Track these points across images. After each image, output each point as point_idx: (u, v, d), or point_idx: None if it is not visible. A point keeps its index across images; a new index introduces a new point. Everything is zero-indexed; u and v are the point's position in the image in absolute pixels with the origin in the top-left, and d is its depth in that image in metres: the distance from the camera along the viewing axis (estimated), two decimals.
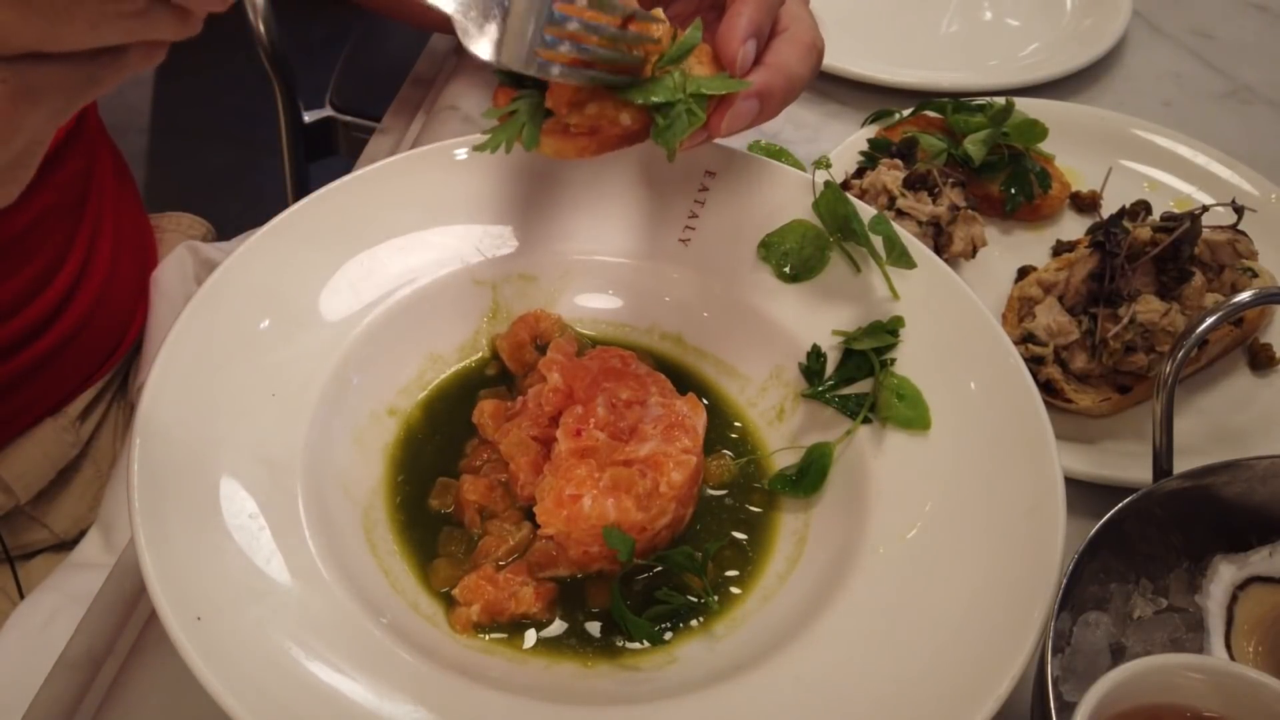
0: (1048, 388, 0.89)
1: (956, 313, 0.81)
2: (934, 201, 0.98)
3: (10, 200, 0.57)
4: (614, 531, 0.72)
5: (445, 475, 0.80)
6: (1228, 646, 0.70)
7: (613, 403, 0.79)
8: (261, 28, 1.52)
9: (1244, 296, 0.76)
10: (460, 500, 0.78)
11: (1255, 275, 0.97)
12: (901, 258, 0.82)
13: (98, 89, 0.54)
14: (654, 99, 0.72)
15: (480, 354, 0.88)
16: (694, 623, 0.74)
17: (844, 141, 1.11)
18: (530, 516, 0.76)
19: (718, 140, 0.78)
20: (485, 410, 0.82)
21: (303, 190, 1.41)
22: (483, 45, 0.66)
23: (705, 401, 0.84)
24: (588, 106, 0.71)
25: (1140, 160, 1.14)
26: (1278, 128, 1.24)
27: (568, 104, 0.71)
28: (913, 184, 0.99)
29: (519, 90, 0.72)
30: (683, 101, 0.72)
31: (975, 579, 0.69)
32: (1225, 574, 0.72)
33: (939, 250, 0.97)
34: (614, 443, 0.76)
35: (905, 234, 0.84)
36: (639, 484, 0.73)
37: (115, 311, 1.14)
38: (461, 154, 0.89)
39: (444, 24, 1.24)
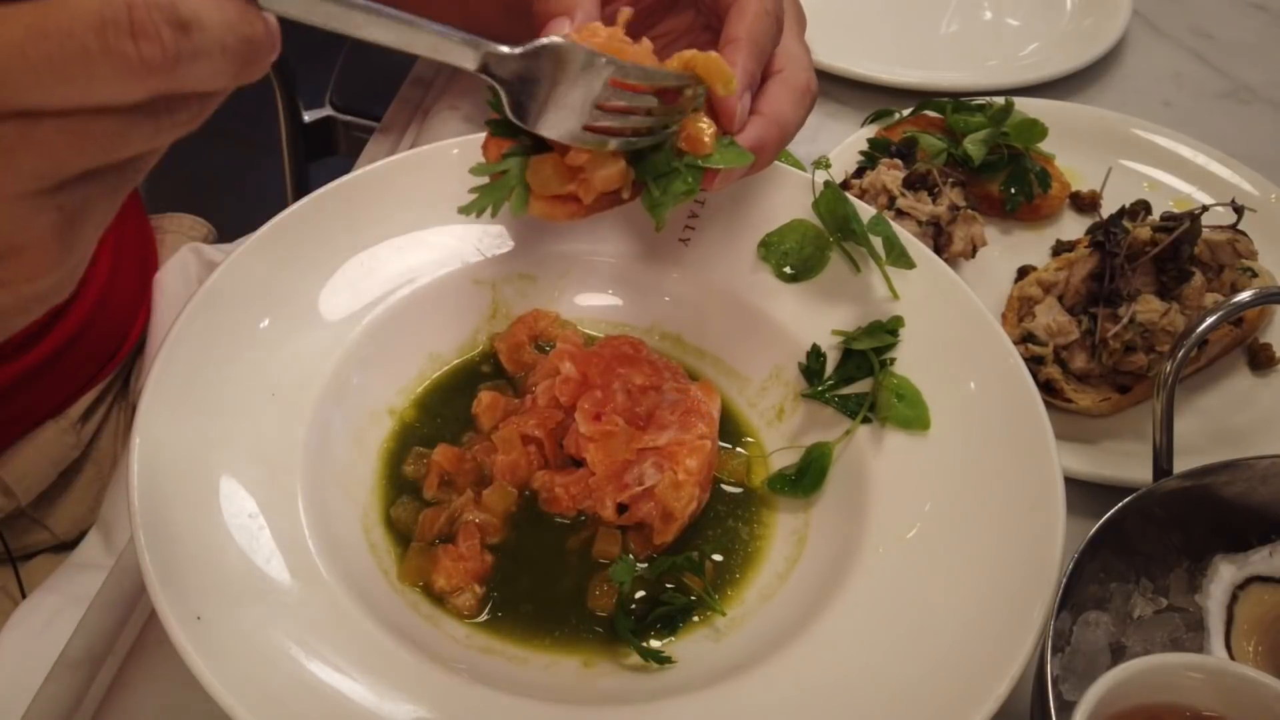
0: (1048, 388, 0.89)
1: (956, 313, 0.81)
2: (934, 201, 0.98)
3: (67, 294, 0.53)
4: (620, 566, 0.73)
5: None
6: (1228, 646, 0.70)
7: (628, 389, 0.79)
8: None
9: (1244, 296, 0.76)
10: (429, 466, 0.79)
11: (1255, 275, 0.97)
12: (900, 258, 0.82)
13: (142, 175, 0.51)
14: (652, 173, 0.70)
15: (480, 348, 0.88)
16: (694, 620, 0.74)
17: (844, 141, 1.10)
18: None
19: None
20: (483, 401, 0.82)
21: (303, 190, 1.40)
22: (532, 119, 0.64)
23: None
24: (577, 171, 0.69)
25: (1140, 160, 1.14)
26: (1278, 128, 1.24)
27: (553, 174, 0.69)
28: (913, 184, 0.99)
29: (511, 142, 0.70)
30: (680, 176, 0.71)
31: (975, 579, 0.69)
32: (1225, 574, 0.72)
33: (939, 250, 0.97)
34: (632, 430, 0.77)
35: (905, 234, 0.84)
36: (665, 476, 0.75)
37: (117, 314, 1.14)
38: (462, 154, 0.89)
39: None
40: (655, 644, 0.72)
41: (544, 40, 0.62)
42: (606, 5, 0.78)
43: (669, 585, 0.74)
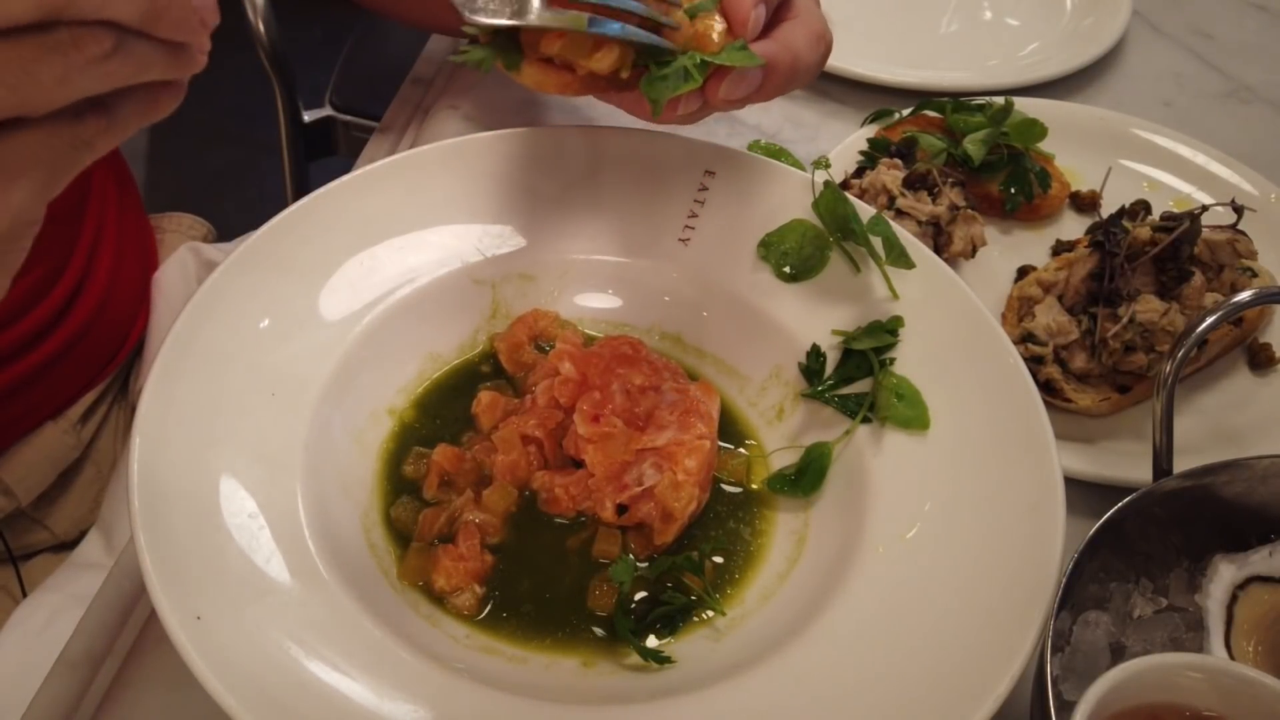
0: (1048, 387, 0.89)
1: (956, 312, 0.81)
2: (934, 201, 0.98)
3: (3, 290, 0.51)
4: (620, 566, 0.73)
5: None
6: (1227, 646, 0.70)
7: (627, 389, 0.79)
8: (261, 27, 1.52)
9: (1244, 296, 0.76)
10: (429, 465, 0.79)
11: (1255, 275, 0.97)
12: (900, 258, 0.82)
13: (89, 154, 0.47)
14: (654, 59, 0.69)
15: (480, 348, 0.88)
16: (694, 620, 0.74)
17: (844, 141, 1.10)
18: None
19: (717, 141, 0.77)
20: (483, 400, 0.82)
21: (303, 190, 1.41)
22: (489, 9, 0.63)
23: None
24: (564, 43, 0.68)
25: (1140, 160, 1.14)
26: (1278, 128, 1.24)
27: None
28: (912, 184, 0.99)
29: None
30: (684, 58, 0.70)
31: (975, 578, 0.69)
32: (1225, 573, 0.72)
33: (939, 250, 0.97)
34: (631, 431, 0.77)
35: (905, 234, 0.84)
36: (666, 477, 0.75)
37: (117, 316, 1.14)
38: (462, 153, 0.89)
39: (440, 26, 1.25)
40: (655, 644, 0.72)
41: None
42: None
43: (669, 585, 0.74)
